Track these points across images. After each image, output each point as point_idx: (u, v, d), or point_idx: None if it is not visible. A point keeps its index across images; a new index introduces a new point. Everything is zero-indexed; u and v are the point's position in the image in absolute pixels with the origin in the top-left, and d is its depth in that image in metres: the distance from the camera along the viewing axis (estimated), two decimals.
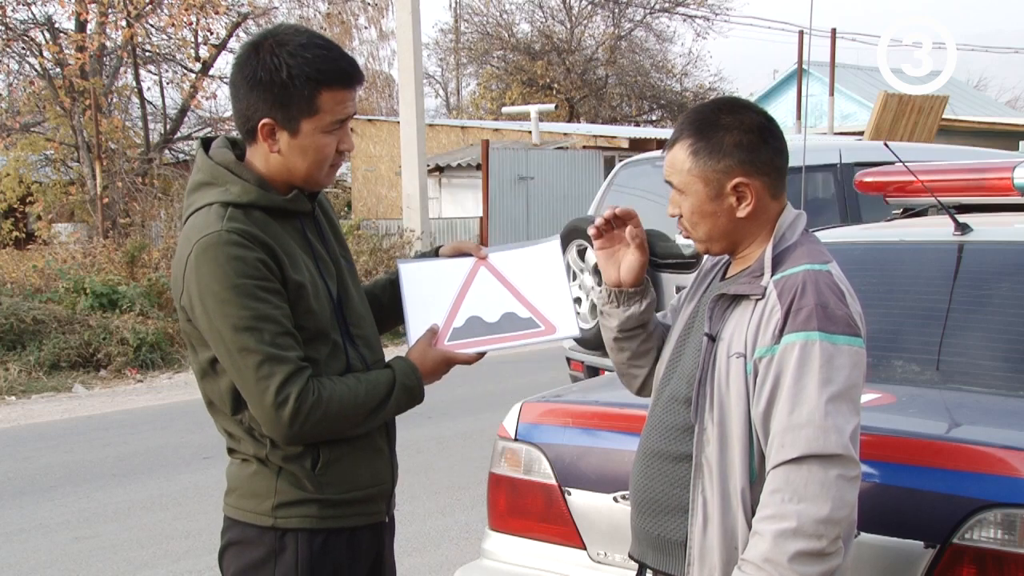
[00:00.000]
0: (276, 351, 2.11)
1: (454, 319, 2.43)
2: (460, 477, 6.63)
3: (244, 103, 2.21)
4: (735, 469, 2.10)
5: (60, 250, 14.56)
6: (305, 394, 2.12)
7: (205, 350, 2.21)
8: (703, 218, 2.20)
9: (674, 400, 2.25)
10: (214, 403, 2.28)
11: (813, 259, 2.14)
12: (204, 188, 2.24)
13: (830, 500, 1.97)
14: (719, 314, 2.19)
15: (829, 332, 2.03)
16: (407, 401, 2.31)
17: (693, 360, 2.23)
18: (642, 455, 2.32)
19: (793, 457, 1.99)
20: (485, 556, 3.22)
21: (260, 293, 2.12)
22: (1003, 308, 3.20)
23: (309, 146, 2.21)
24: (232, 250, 2.11)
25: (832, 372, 2.02)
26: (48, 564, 5.42)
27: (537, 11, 33.87)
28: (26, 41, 18.64)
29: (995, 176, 3.73)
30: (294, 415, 2.12)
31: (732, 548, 2.09)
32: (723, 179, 2.16)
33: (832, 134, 25.74)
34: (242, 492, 2.29)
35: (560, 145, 19.78)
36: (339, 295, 2.33)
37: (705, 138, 2.17)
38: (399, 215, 17.77)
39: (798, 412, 2.00)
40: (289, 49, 2.17)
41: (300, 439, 2.18)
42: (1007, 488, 2.36)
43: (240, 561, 2.28)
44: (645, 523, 2.29)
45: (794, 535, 1.96)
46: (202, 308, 2.14)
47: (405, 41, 16.34)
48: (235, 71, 2.22)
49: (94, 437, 8.40)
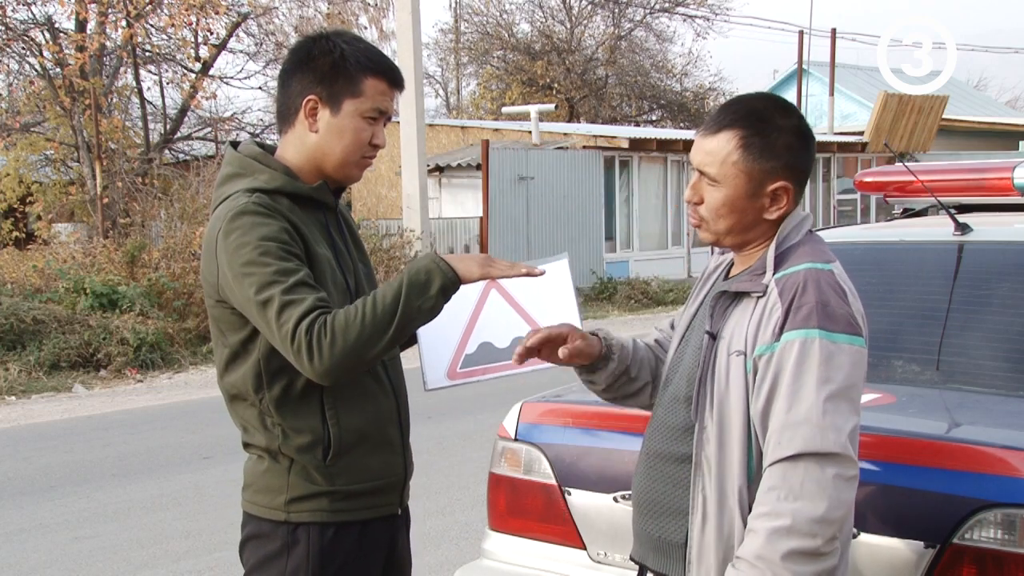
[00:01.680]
0: (292, 296, 2.14)
1: (466, 345, 2.42)
2: (460, 477, 6.63)
3: (293, 84, 2.33)
4: (733, 467, 2.09)
5: (60, 250, 14.56)
6: (312, 327, 2.12)
7: (234, 333, 2.26)
8: (732, 212, 2.16)
9: (675, 400, 2.25)
10: (236, 394, 2.31)
11: (816, 258, 2.13)
12: (233, 179, 2.33)
13: (826, 499, 1.96)
14: (720, 312, 2.18)
15: (829, 330, 2.02)
16: (418, 296, 2.15)
17: (693, 359, 2.22)
18: (644, 456, 2.32)
19: (790, 455, 1.98)
20: (485, 556, 3.22)
21: (283, 253, 2.19)
22: (1003, 308, 3.20)
23: (347, 127, 2.31)
24: (257, 218, 2.20)
25: (831, 370, 2.01)
26: (48, 564, 5.42)
27: (537, 11, 33.88)
28: (26, 41, 18.65)
29: (995, 176, 3.73)
30: (309, 350, 2.11)
31: (729, 547, 2.09)
32: (766, 179, 2.13)
33: (832, 134, 25.79)
34: (257, 488, 2.34)
35: (560, 145, 19.77)
36: (356, 289, 2.37)
37: (760, 134, 2.13)
38: (399, 215, 17.77)
39: (796, 410, 1.99)
40: (345, 39, 2.34)
41: (333, 372, 2.12)
42: (1007, 488, 2.36)
43: (257, 555, 2.34)
44: (646, 524, 2.28)
45: (788, 533, 1.95)
46: (232, 275, 2.19)
47: (405, 41, 16.34)
48: (288, 58, 2.37)
49: (94, 437, 8.41)
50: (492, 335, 2.42)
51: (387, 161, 20.33)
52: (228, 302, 2.25)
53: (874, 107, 25.44)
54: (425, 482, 6.44)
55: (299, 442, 2.27)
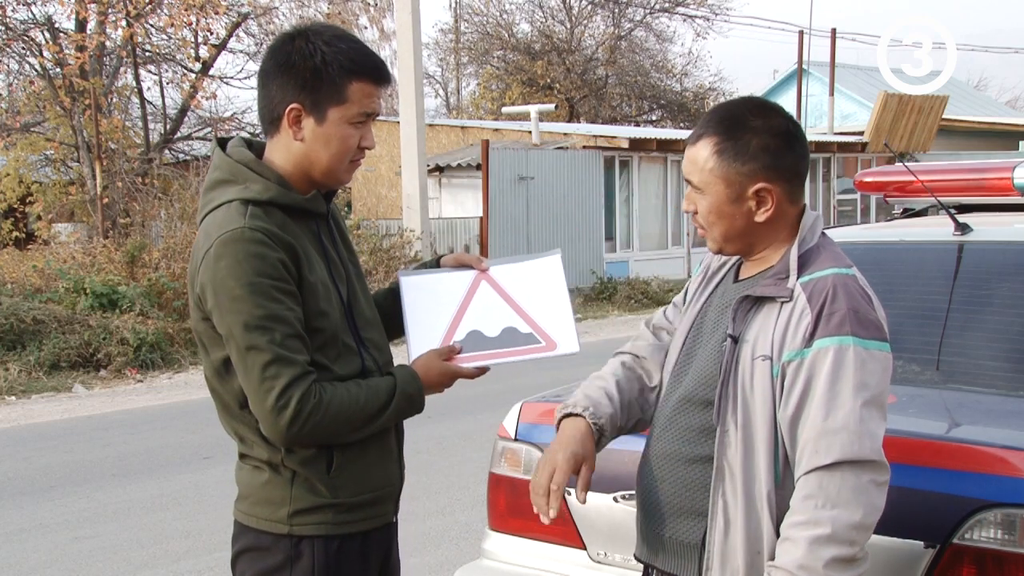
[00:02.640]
0: (285, 352, 2.11)
1: (454, 333, 2.42)
2: (460, 477, 6.63)
3: (273, 88, 2.22)
4: (760, 473, 2.07)
5: (60, 250, 14.57)
6: (307, 398, 2.12)
7: (218, 350, 2.21)
8: (720, 218, 2.17)
9: (688, 402, 2.22)
10: (228, 405, 2.26)
11: (838, 263, 2.13)
12: (223, 185, 2.24)
13: (862, 506, 1.96)
14: (742, 316, 2.15)
15: (862, 337, 2.03)
16: (407, 408, 2.31)
17: (709, 361, 2.20)
18: (652, 457, 2.29)
19: (828, 463, 1.97)
20: (485, 556, 3.22)
21: (275, 293, 2.12)
22: (1003, 308, 3.20)
23: (334, 135, 2.22)
24: (253, 248, 2.12)
25: (866, 377, 2.01)
26: (48, 564, 5.43)
27: (537, 11, 33.88)
28: (26, 41, 18.65)
29: (995, 176, 3.73)
30: (294, 418, 2.11)
31: (755, 552, 2.08)
32: (746, 182, 2.13)
33: (832, 134, 25.78)
34: (255, 499, 2.27)
35: (560, 145, 19.76)
36: (349, 299, 2.34)
37: (732, 138, 2.13)
38: (399, 215, 17.77)
39: (833, 417, 1.99)
40: (325, 39, 2.21)
41: (297, 442, 2.17)
42: (1007, 488, 2.36)
43: (255, 568, 2.28)
44: (655, 525, 2.26)
45: (828, 541, 1.95)
46: (215, 303, 2.14)
47: (405, 41, 16.34)
48: (267, 58, 2.25)
49: (94, 437, 8.41)
50: (481, 324, 2.43)
51: (387, 161, 20.33)
52: (211, 320, 2.20)
53: (874, 107, 25.43)
54: (425, 482, 6.45)
55: (303, 455, 2.22)
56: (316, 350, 2.19)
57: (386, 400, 2.25)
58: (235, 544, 2.33)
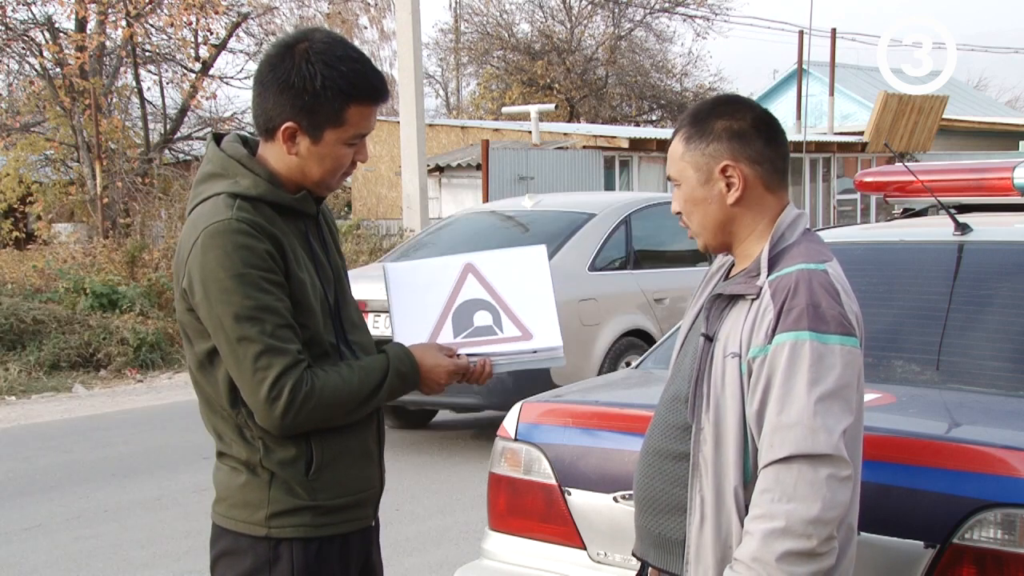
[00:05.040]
0: (275, 342, 2.12)
1: (443, 325, 2.42)
2: (460, 477, 6.63)
3: (270, 103, 2.21)
4: (729, 468, 2.10)
5: (60, 250, 14.57)
6: (299, 386, 2.12)
7: (202, 341, 2.20)
8: (695, 205, 2.21)
9: (676, 399, 2.26)
10: (209, 400, 2.27)
11: (810, 258, 2.13)
12: (213, 179, 2.24)
13: (820, 500, 1.96)
14: (716, 314, 2.19)
15: (819, 332, 2.03)
16: (400, 387, 2.30)
17: (692, 360, 2.24)
18: (644, 453, 2.33)
19: (782, 457, 1.99)
20: (485, 556, 3.22)
21: (264, 284, 2.13)
22: (1003, 308, 3.20)
23: (328, 155, 2.23)
24: (240, 239, 2.12)
25: (822, 372, 2.01)
26: (48, 564, 5.42)
27: (537, 11, 33.86)
28: (26, 41, 18.66)
29: (995, 176, 3.73)
30: (287, 407, 2.12)
31: (727, 547, 2.10)
32: (711, 163, 2.17)
33: (832, 134, 25.78)
34: (233, 502, 2.26)
35: (560, 145, 19.76)
36: (336, 301, 2.33)
37: (696, 125, 2.20)
38: (399, 215, 17.76)
39: (787, 412, 2.00)
40: (325, 59, 2.18)
41: (292, 429, 2.17)
42: (1007, 488, 2.36)
43: (234, 571, 2.26)
44: (647, 521, 2.30)
45: (782, 535, 1.96)
46: (203, 294, 2.14)
47: (405, 41, 16.33)
48: (266, 70, 2.22)
49: (94, 437, 8.41)
50: (468, 317, 2.43)
51: (387, 161, 20.33)
52: (197, 312, 2.19)
53: (874, 107, 25.43)
54: (425, 482, 6.44)
55: (282, 456, 2.21)
56: (304, 347, 2.20)
57: (379, 380, 2.25)
58: (213, 547, 2.32)
